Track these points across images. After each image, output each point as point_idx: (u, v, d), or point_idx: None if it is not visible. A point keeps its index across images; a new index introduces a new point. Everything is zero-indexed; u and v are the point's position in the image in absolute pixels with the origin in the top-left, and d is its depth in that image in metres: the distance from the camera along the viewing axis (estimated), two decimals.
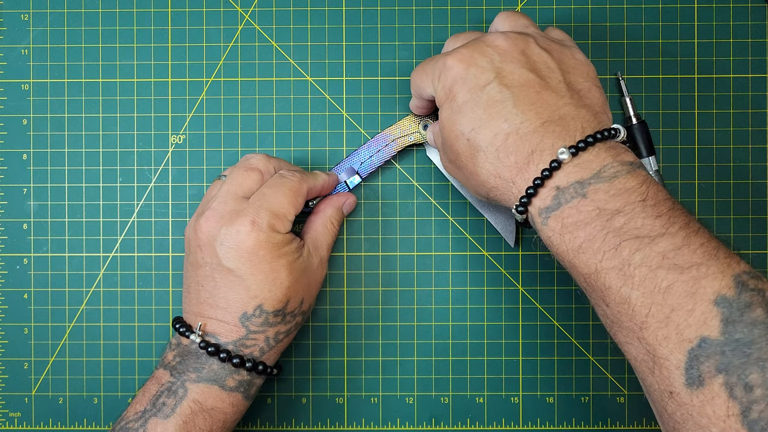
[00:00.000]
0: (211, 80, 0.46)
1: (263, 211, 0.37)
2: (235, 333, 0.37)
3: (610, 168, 0.32)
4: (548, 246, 0.33)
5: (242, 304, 0.37)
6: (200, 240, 0.37)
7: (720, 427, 0.27)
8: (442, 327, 0.46)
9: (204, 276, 0.37)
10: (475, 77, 0.34)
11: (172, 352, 0.38)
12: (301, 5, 0.46)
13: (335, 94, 0.46)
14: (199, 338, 0.37)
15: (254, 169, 0.39)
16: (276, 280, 0.37)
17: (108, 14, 0.46)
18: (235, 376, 0.37)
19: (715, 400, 0.27)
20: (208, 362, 0.37)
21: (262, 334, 0.37)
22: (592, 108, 0.34)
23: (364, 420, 0.46)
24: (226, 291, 0.37)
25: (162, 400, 0.36)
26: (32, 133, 0.46)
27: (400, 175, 0.46)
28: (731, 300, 0.28)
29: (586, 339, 0.46)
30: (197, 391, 0.36)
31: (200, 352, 0.37)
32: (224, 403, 0.37)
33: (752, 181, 0.45)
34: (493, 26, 0.40)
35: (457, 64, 0.35)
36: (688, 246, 0.29)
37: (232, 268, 0.36)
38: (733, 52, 0.45)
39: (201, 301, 0.38)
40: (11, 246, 0.46)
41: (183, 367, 0.37)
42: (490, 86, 0.34)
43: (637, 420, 0.45)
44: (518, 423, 0.46)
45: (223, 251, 0.36)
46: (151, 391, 0.37)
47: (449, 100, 0.35)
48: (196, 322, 0.38)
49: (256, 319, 0.37)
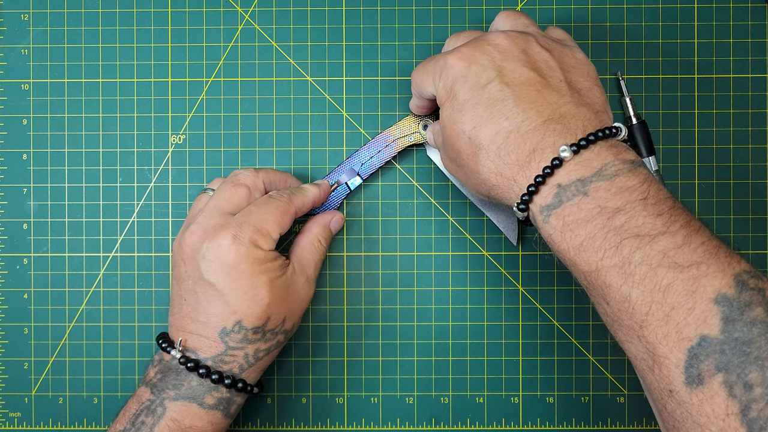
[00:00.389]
0: (211, 80, 0.46)
1: (246, 226, 0.37)
2: (215, 348, 0.37)
3: (611, 166, 0.32)
4: (549, 244, 0.33)
5: (222, 319, 0.36)
6: (184, 253, 0.38)
7: (719, 426, 0.27)
8: (442, 327, 0.46)
9: (186, 290, 0.38)
10: (476, 76, 0.34)
11: (153, 369, 0.38)
12: (301, 5, 0.46)
13: (335, 94, 0.46)
14: (179, 353, 0.37)
15: (242, 185, 0.39)
16: (256, 296, 0.36)
17: (108, 14, 0.46)
18: (214, 393, 0.37)
19: (715, 398, 0.27)
20: (187, 378, 0.37)
21: (241, 351, 0.37)
22: (593, 107, 0.34)
23: (364, 420, 0.46)
24: (206, 305, 0.37)
25: (141, 419, 0.36)
26: (32, 133, 0.46)
27: (400, 175, 0.46)
28: (731, 299, 0.28)
29: (586, 339, 0.46)
30: (175, 410, 0.36)
31: (180, 368, 0.37)
32: (203, 422, 0.37)
33: (752, 181, 0.45)
34: (493, 25, 0.40)
35: (458, 63, 0.35)
36: (689, 245, 0.29)
37: (212, 282, 0.36)
38: (733, 52, 0.45)
39: (183, 315, 0.38)
40: (11, 246, 0.46)
41: (163, 384, 0.37)
42: (491, 85, 0.34)
43: (637, 420, 0.45)
44: (518, 423, 0.46)
45: (204, 264, 0.36)
46: (132, 410, 0.37)
47: (450, 99, 0.35)
48: (178, 337, 0.38)
49: (235, 335, 0.37)
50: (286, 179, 0.42)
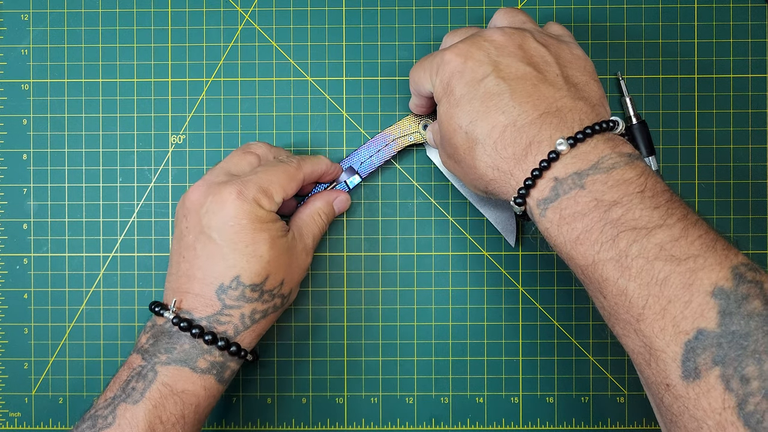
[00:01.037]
0: (211, 80, 0.46)
1: (251, 184, 0.37)
2: (210, 308, 0.36)
3: (608, 159, 0.31)
4: (546, 238, 0.33)
5: (220, 274, 0.36)
6: (186, 209, 0.38)
7: (715, 420, 0.27)
8: (442, 327, 0.46)
9: (186, 246, 0.37)
10: (472, 71, 0.35)
11: (145, 335, 0.37)
12: (301, 5, 0.46)
13: (335, 94, 0.46)
14: (172, 314, 0.36)
15: (252, 153, 0.40)
16: (256, 252, 0.36)
17: (108, 14, 0.46)
18: (206, 356, 0.36)
19: (711, 392, 0.27)
20: (180, 341, 0.36)
21: (237, 310, 0.37)
22: (590, 101, 0.34)
23: (364, 420, 0.46)
24: (204, 260, 0.36)
25: (132, 385, 0.35)
26: (32, 133, 0.46)
27: (400, 175, 0.46)
28: (728, 292, 0.28)
29: (586, 339, 0.46)
30: (167, 374, 0.35)
31: (173, 330, 0.36)
32: (195, 386, 0.36)
33: (752, 181, 0.45)
34: (491, 23, 0.40)
35: (455, 59, 0.35)
36: (686, 237, 0.29)
37: (213, 236, 0.36)
38: (733, 52, 0.45)
39: (180, 275, 0.37)
40: (11, 246, 0.46)
41: (154, 348, 0.36)
42: (488, 79, 0.34)
43: (637, 420, 0.45)
44: (518, 423, 0.46)
45: (206, 218, 0.36)
46: (123, 377, 0.36)
47: (447, 94, 0.36)
48: (173, 299, 0.37)
49: (232, 291, 0.36)
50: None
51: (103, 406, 0.35)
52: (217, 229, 0.36)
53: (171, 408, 0.35)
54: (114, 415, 0.35)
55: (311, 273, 0.46)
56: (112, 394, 0.36)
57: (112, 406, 0.35)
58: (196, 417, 0.36)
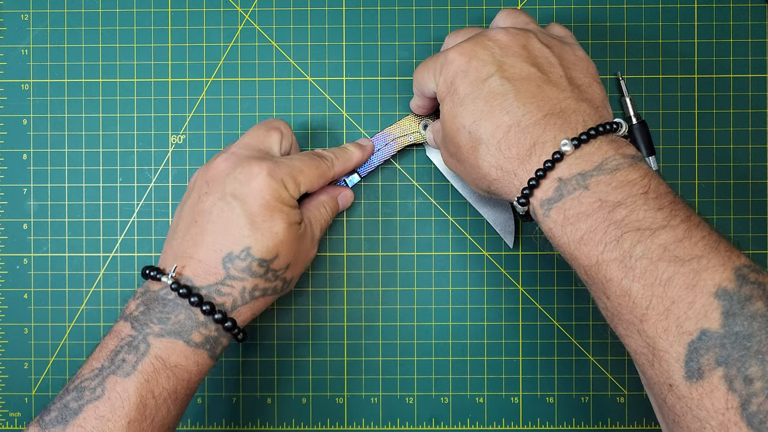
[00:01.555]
0: (211, 80, 0.46)
1: (283, 167, 0.37)
2: (213, 276, 0.35)
3: (612, 160, 0.32)
4: (549, 238, 0.33)
5: (232, 242, 0.36)
6: (210, 176, 0.37)
7: (718, 420, 0.27)
8: (442, 327, 0.46)
9: (200, 211, 0.37)
10: (477, 70, 0.35)
11: (135, 301, 0.36)
12: (301, 5, 0.46)
13: (335, 94, 0.46)
14: (171, 279, 0.35)
15: (276, 129, 0.40)
16: (272, 229, 0.36)
17: (108, 14, 0.46)
18: (201, 330, 0.35)
19: (714, 392, 0.27)
20: (175, 311, 0.35)
21: (239, 283, 0.36)
22: (593, 102, 0.34)
23: (364, 420, 0.46)
24: (218, 225, 0.36)
25: (122, 356, 0.34)
26: (32, 133, 0.46)
27: (400, 175, 0.46)
28: (732, 293, 0.28)
29: (586, 339, 0.46)
30: (160, 347, 0.34)
31: (168, 298, 0.35)
32: (189, 361, 0.35)
33: (752, 181, 0.45)
34: (493, 23, 0.40)
35: (459, 58, 0.35)
36: (689, 238, 0.29)
37: (233, 205, 0.36)
38: (733, 52, 0.45)
39: (187, 239, 0.36)
40: (11, 246, 0.46)
41: (146, 317, 0.35)
42: (492, 79, 0.34)
43: (637, 420, 0.45)
44: (518, 423, 0.46)
45: (231, 186, 0.36)
46: (110, 346, 0.34)
47: (451, 94, 0.36)
48: (173, 264, 0.36)
49: (240, 262, 0.36)
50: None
51: (89, 377, 0.34)
52: (240, 198, 0.36)
53: (164, 383, 0.34)
54: (103, 387, 0.33)
55: (311, 273, 0.46)
56: (99, 365, 0.34)
57: (100, 377, 0.34)
58: (187, 393, 0.36)
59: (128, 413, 0.33)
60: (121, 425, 0.33)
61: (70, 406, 0.33)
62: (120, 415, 0.33)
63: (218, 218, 0.36)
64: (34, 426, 0.33)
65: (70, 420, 0.33)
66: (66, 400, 0.33)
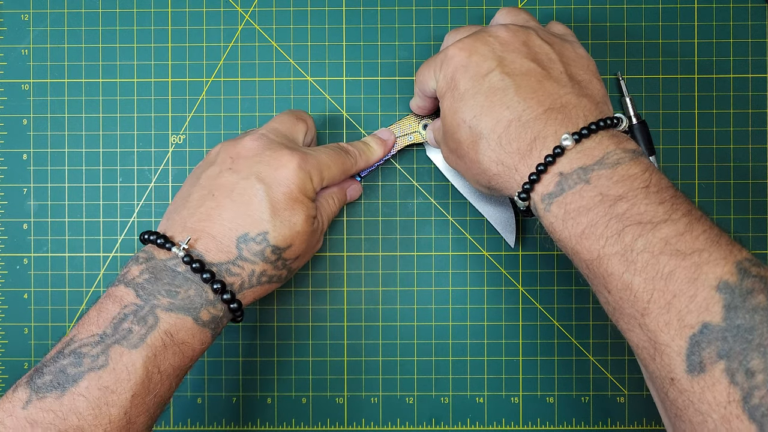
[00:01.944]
0: (211, 80, 0.46)
1: (312, 160, 0.37)
2: (225, 254, 0.34)
3: (613, 155, 0.32)
4: (550, 233, 0.33)
5: (249, 223, 0.35)
6: (236, 153, 0.37)
7: (720, 413, 0.27)
8: (442, 327, 0.46)
9: (221, 185, 0.36)
10: (477, 65, 0.35)
11: (138, 266, 0.34)
12: (301, 5, 0.46)
13: (335, 94, 0.46)
14: (183, 251, 0.34)
15: (303, 120, 0.40)
16: (291, 219, 0.36)
17: (108, 14, 0.46)
18: (209, 308, 0.34)
19: (716, 386, 0.27)
20: (185, 285, 0.33)
21: (250, 265, 0.35)
22: (594, 98, 0.34)
23: (364, 420, 0.46)
24: (239, 205, 0.35)
25: (127, 325, 0.32)
26: (32, 133, 0.46)
27: (400, 175, 0.46)
28: (733, 286, 0.28)
29: (586, 339, 0.45)
30: (170, 322, 0.33)
31: (177, 270, 0.33)
32: (194, 339, 0.34)
33: (752, 181, 0.45)
34: (494, 21, 0.40)
35: (459, 53, 0.35)
36: (691, 232, 0.29)
37: (256, 187, 0.35)
38: (733, 52, 0.45)
39: (201, 211, 0.35)
40: (11, 246, 0.46)
41: (153, 287, 0.33)
42: (492, 74, 0.34)
43: (637, 420, 0.45)
44: (518, 423, 0.46)
45: (257, 168, 0.36)
46: (111, 312, 0.33)
47: (451, 89, 0.36)
48: (185, 236, 0.34)
49: (254, 245, 0.35)
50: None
51: (89, 342, 0.32)
52: (266, 183, 0.35)
53: (171, 359, 0.33)
54: (107, 356, 0.31)
55: (311, 273, 0.46)
56: (99, 330, 0.32)
57: (102, 345, 0.32)
58: (187, 370, 0.35)
59: (133, 386, 0.32)
60: (125, 398, 0.31)
61: (67, 372, 0.31)
62: (125, 387, 0.31)
63: (239, 197, 0.35)
64: (24, 389, 0.31)
65: (68, 387, 0.31)
66: (62, 364, 0.32)
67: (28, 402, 0.31)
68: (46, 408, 0.31)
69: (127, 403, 0.31)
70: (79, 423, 0.31)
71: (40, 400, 0.31)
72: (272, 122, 0.40)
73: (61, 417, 0.30)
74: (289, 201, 0.36)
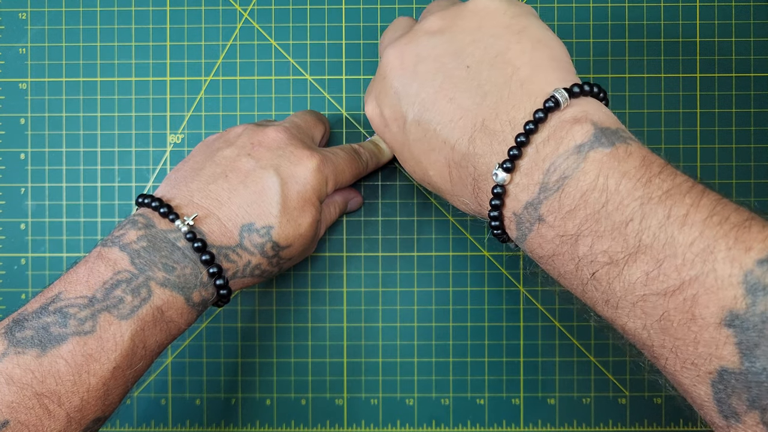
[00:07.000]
0: (209, 79, 0.46)
1: (331, 165, 0.37)
2: (227, 239, 0.33)
3: (553, 171, 0.26)
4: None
5: (256, 214, 0.34)
6: (258, 140, 0.36)
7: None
8: (442, 328, 0.45)
9: (236, 168, 0.35)
10: (392, 128, 0.34)
11: (137, 232, 0.32)
12: (300, 3, 0.46)
13: (335, 93, 0.46)
14: (186, 227, 0.32)
15: (323, 122, 0.41)
16: (298, 219, 0.35)
17: (106, 13, 0.46)
18: (201, 291, 0.33)
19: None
20: (183, 262, 0.32)
21: (248, 256, 0.34)
22: (503, 93, 0.28)
23: (363, 421, 0.45)
24: (251, 192, 0.34)
25: (118, 293, 0.30)
26: (30, 133, 0.46)
27: (401, 175, 0.46)
28: (743, 317, 0.21)
29: (587, 340, 0.45)
30: (163, 298, 0.31)
31: (177, 245, 0.32)
32: (182, 319, 0.32)
33: (754, 181, 0.45)
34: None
35: (371, 113, 0.35)
36: (673, 257, 0.23)
37: (272, 180, 0.34)
38: (735, 51, 0.45)
39: (212, 189, 0.34)
40: (9, 246, 0.46)
41: (150, 257, 0.31)
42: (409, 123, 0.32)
43: (638, 421, 0.45)
44: (519, 424, 0.45)
45: (277, 160, 0.35)
46: (103, 275, 0.31)
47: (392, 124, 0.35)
48: (188, 211, 0.33)
49: (257, 237, 0.34)
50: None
51: (77, 305, 0.30)
52: (283, 177, 0.35)
53: (157, 335, 0.31)
54: (94, 322, 0.30)
55: (311, 273, 0.46)
56: (89, 293, 0.30)
57: (91, 309, 0.30)
58: (164, 349, 0.33)
59: (117, 358, 0.30)
60: (107, 369, 0.30)
61: (50, 331, 0.29)
62: (109, 358, 0.30)
63: (253, 185, 0.34)
64: (1, 338, 0.29)
65: (49, 347, 0.29)
66: (45, 321, 0.29)
67: (4, 354, 0.28)
68: (24, 365, 0.28)
69: (108, 374, 0.30)
70: (56, 388, 0.28)
71: (18, 356, 0.28)
72: (294, 118, 0.39)
73: (39, 378, 0.28)
74: (300, 200, 0.35)
